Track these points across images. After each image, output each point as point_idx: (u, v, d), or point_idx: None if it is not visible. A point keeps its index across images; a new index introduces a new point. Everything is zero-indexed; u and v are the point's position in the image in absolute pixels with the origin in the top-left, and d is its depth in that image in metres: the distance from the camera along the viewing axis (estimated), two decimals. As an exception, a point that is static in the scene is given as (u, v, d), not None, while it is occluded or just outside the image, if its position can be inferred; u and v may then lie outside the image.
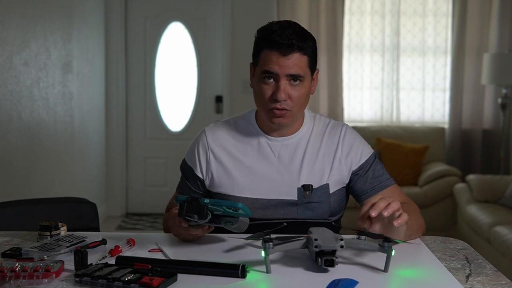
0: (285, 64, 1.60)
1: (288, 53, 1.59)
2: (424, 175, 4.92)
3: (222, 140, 1.76)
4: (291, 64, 1.60)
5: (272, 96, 1.62)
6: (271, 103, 1.63)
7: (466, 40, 5.31)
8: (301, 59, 1.61)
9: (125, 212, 5.57)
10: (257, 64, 1.66)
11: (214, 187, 1.74)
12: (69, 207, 2.02)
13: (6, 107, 3.26)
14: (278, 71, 1.60)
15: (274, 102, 1.62)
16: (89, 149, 4.88)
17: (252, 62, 1.71)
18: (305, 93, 1.65)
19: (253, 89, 1.70)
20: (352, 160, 1.73)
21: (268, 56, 1.62)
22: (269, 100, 1.63)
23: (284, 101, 1.62)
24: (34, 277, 1.22)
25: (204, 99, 5.51)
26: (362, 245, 1.37)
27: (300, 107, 1.67)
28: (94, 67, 5.00)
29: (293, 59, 1.60)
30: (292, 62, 1.60)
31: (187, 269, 1.31)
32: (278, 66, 1.60)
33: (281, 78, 1.61)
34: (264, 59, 1.63)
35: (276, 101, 1.62)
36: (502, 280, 1.28)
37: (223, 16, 5.40)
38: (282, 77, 1.61)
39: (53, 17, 3.97)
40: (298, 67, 1.61)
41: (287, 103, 1.63)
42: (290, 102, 1.63)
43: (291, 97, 1.63)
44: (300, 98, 1.64)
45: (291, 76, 1.61)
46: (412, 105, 5.50)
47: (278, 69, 1.60)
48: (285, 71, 1.60)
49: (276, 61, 1.60)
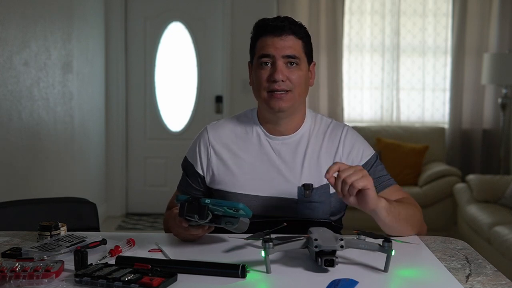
0: (280, 46, 1.64)
1: (282, 34, 1.64)
2: (424, 175, 4.92)
3: (223, 137, 1.76)
4: (286, 45, 1.64)
5: (270, 77, 1.64)
6: (270, 85, 1.65)
7: (466, 40, 5.31)
8: (296, 42, 1.66)
9: (125, 212, 5.57)
10: (254, 54, 1.70)
11: (215, 184, 1.75)
12: (69, 207, 2.02)
13: (6, 107, 3.26)
14: (274, 52, 1.64)
15: (272, 83, 1.64)
16: (89, 149, 4.88)
17: (249, 61, 1.74)
18: (303, 77, 1.67)
19: (252, 84, 1.72)
20: (353, 160, 1.73)
21: (264, 41, 1.66)
22: (267, 82, 1.65)
23: (282, 81, 1.63)
24: (34, 277, 1.22)
25: (204, 99, 5.51)
26: (362, 245, 1.37)
27: (300, 92, 1.68)
28: (94, 67, 5.00)
29: (287, 40, 1.65)
30: (287, 43, 1.64)
31: (187, 269, 1.30)
32: (274, 47, 1.64)
33: (278, 59, 1.64)
34: (260, 46, 1.67)
35: (274, 82, 1.64)
36: (502, 280, 1.28)
37: (223, 16, 5.40)
38: (279, 58, 1.64)
39: (53, 17, 3.97)
40: (293, 49, 1.65)
41: (286, 83, 1.64)
42: (289, 83, 1.65)
43: (289, 78, 1.65)
44: (299, 80, 1.66)
45: (287, 57, 1.64)
46: (412, 105, 5.50)
47: (273, 50, 1.64)
48: (281, 52, 1.64)
49: (271, 43, 1.64)
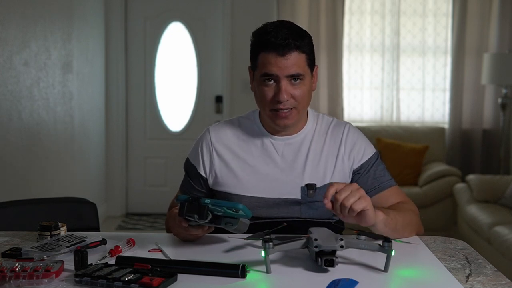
0: (283, 65, 1.59)
1: (286, 53, 1.59)
2: (424, 175, 4.92)
3: (226, 139, 1.76)
4: (290, 64, 1.59)
5: (274, 97, 1.62)
6: (274, 105, 1.63)
7: (466, 40, 5.31)
8: (300, 58, 1.61)
9: (125, 212, 5.57)
10: (256, 67, 1.66)
11: (218, 186, 1.74)
12: (69, 207, 2.02)
13: (6, 107, 3.26)
14: (277, 72, 1.60)
15: (277, 104, 1.62)
16: (89, 149, 4.88)
17: (250, 66, 1.71)
18: (307, 91, 1.65)
19: (254, 92, 1.70)
20: (354, 158, 1.73)
21: (266, 59, 1.61)
22: (272, 102, 1.63)
23: (287, 101, 1.61)
24: (34, 277, 1.22)
25: (204, 99, 5.51)
26: (362, 245, 1.37)
27: (304, 105, 1.67)
28: (94, 67, 5.00)
29: (291, 58, 1.59)
30: (290, 62, 1.59)
31: (187, 269, 1.31)
32: (277, 67, 1.59)
33: (282, 79, 1.60)
34: (262, 62, 1.62)
35: (278, 102, 1.61)
36: (502, 280, 1.28)
37: (223, 16, 5.40)
38: (283, 78, 1.60)
39: (53, 17, 3.97)
40: (297, 66, 1.60)
41: (290, 102, 1.62)
42: (293, 101, 1.63)
43: (293, 96, 1.62)
44: (303, 96, 1.64)
45: (291, 76, 1.60)
46: (412, 105, 5.50)
47: (277, 70, 1.60)
48: (285, 72, 1.60)
49: (274, 62, 1.59)
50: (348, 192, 1.40)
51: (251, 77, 1.72)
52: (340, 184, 1.42)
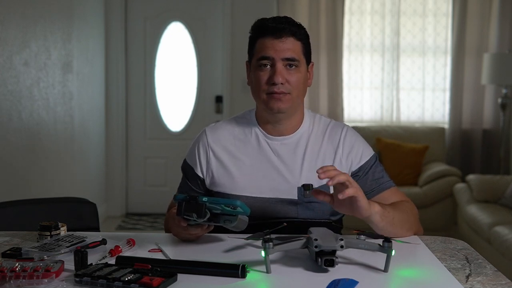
0: (280, 48, 1.63)
1: (282, 36, 1.63)
2: (424, 175, 4.92)
3: (222, 140, 1.76)
4: (286, 48, 1.63)
5: (269, 80, 1.64)
6: (269, 87, 1.64)
7: (466, 40, 5.31)
8: (295, 44, 1.65)
9: (125, 212, 5.57)
10: (253, 56, 1.68)
11: (215, 186, 1.74)
12: (69, 207, 2.02)
13: (6, 107, 3.26)
14: (273, 55, 1.63)
15: (271, 86, 1.64)
16: (89, 149, 4.88)
17: (247, 60, 1.73)
18: (302, 79, 1.67)
19: (250, 84, 1.72)
20: (352, 160, 1.73)
21: (263, 43, 1.65)
22: (267, 84, 1.64)
23: (281, 84, 1.63)
24: (34, 277, 1.22)
25: (204, 99, 5.51)
26: (362, 245, 1.37)
27: (298, 93, 1.68)
28: (94, 67, 5.00)
29: (287, 42, 1.63)
30: (286, 46, 1.63)
31: (187, 269, 1.30)
32: (273, 50, 1.63)
33: (277, 62, 1.63)
34: (259, 47, 1.66)
35: (273, 85, 1.63)
36: (502, 280, 1.28)
37: (223, 16, 5.40)
38: (278, 60, 1.63)
39: (53, 17, 3.97)
40: (293, 51, 1.64)
41: (285, 86, 1.64)
42: (288, 85, 1.64)
43: (288, 81, 1.64)
44: (298, 83, 1.65)
45: (286, 60, 1.63)
46: (412, 105, 5.50)
47: (273, 53, 1.63)
48: (281, 55, 1.63)
49: (271, 45, 1.63)
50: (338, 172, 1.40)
51: (248, 71, 1.73)
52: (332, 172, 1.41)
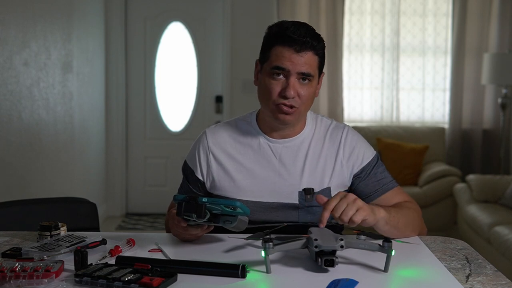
0: (297, 62, 1.58)
1: (302, 51, 1.58)
2: (424, 175, 4.92)
3: (222, 142, 1.74)
4: (303, 62, 1.58)
5: (281, 92, 1.60)
6: (279, 99, 1.61)
7: (466, 40, 5.31)
8: (313, 59, 1.60)
9: (125, 212, 5.57)
10: (267, 60, 1.63)
11: (215, 190, 1.73)
12: (69, 207, 2.02)
13: (6, 107, 3.26)
14: (290, 67, 1.58)
15: (282, 99, 1.60)
16: (89, 149, 4.88)
17: (258, 59, 1.68)
18: (312, 93, 1.64)
19: (258, 85, 1.67)
20: (353, 163, 1.71)
21: (281, 52, 1.59)
22: (278, 96, 1.61)
23: (292, 98, 1.60)
24: (34, 277, 1.22)
25: (204, 99, 5.51)
26: (362, 245, 1.37)
27: (306, 108, 1.65)
28: (94, 67, 5.00)
29: (306, 57, 1.59)
30: (304, 60, 1.59)
31: (187, 269, 1.31)
32: (291, 62, 1.58)
33: (292, 75, 1.59)
34: (275, 55, 1.60)
35: (285, 98, 1.60)
36: (502, 280, 1.28)
37: (223, 16, 5.40)
38: (293, 74, 1.59)
39: (53, 17, 3.96)
40: (309, 66, 1.59)
41: (295, 100, 1.60)
42: (298, 100, 1.61)
43: (299, 95, 1.60)
44: (308, 97, 1.62)
45: (301, 74, 1.59)
46: (412, 105, 5.50)
47: (290, 65, 1.58)
48: (297, 69, 1.58)
49: (289, 57, 1.58)
50: (344, 207, 1.40)
51: (257, 70, 1.69)
52: (333, 202, 1.41)
